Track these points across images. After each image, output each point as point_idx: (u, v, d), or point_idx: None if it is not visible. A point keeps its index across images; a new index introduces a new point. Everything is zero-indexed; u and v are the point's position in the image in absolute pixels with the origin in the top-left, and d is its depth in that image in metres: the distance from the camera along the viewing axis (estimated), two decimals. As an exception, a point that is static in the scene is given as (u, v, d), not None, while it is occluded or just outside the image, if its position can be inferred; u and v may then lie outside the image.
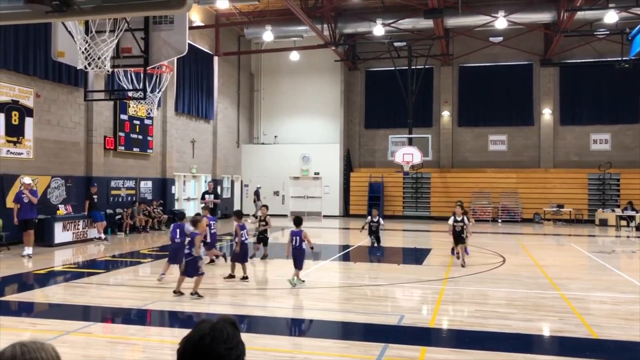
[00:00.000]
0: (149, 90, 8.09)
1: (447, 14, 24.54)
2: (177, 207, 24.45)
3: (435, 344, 7.10)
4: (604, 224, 25.05)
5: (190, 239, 9.19)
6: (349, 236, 21.57)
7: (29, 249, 13.87)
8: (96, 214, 17.74)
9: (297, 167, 30.70)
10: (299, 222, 10.64)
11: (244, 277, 10.72)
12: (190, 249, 9.14)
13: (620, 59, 23.46)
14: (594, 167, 27.37)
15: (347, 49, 29.47)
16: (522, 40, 27.90)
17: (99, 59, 5.94)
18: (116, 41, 6.15)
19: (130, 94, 9.50)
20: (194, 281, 9.16)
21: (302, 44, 28.26)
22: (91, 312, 8.55)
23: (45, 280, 11.25)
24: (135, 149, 21.50)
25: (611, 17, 21.82)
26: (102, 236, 17.68)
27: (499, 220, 27.54)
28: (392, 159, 25.15)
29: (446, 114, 30.01)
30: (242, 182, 31.42)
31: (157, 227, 21.41)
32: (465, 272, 11.80)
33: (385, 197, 29.40)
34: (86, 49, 5.95)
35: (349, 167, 30.91)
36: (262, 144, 32.02)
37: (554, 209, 26.48)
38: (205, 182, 27.64)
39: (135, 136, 21.44)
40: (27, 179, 14.60)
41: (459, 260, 12.88)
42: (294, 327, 7.82)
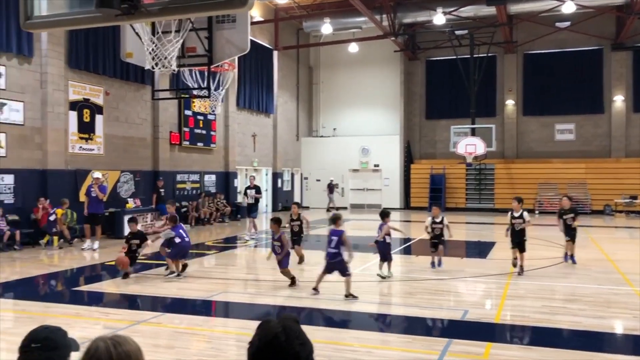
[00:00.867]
0: (212, 88, 8.27)
1: (510, 0, 23.79)
2: (239, 199, 24.94)
3: (500, 339, 6.95)
4: (681, 216, 23.75)
5: (336, 238, 8.63)
6: (410, 229, 21.36)
7: (92, 242, 14.37)
8: (163, 207, 18.32)
9: (357, 159, 30.65)
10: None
11: (291, 281, 9.65)
12: (337, 247, 8.59)
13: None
14: (671, 156, 25.95)
15: (406, 39, 29.10)
16: (591, 24, 26.66)
17: (165, 58, 6.12)
18: (181, 41, 6.32)
19: (195, 92, 9.75)
20: (345, 281, 8.63)
21: (360, 35, 28.11)
22: (159, 303, 8.87)
23: (115, 271, 11.73)
24: (199, 144, 22.07)
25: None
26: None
27: (567, 212, 26.53)
28: (454, 150, 24.71)
29: (510, 103, 29.17)
30: (301, 174, 31.67)
31: (221, 219, 21.94)
32: (531, 266, 11.46)
33: (447, 189, 28.92)
34: (153, 49, 6.15)
35: (409, 158, 30.58)
36: (321, 136, 32.14)
37: (627, 201, 25.27)
38: (265, 175, 28.08)
39: (199, 131, 22.01)
40: (97, 174, 15.24)
41: (515, 268, 10.67)
42: (356, 320, 7.83)
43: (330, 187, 28.75)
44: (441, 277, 10.62)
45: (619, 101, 27.43)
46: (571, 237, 11.79)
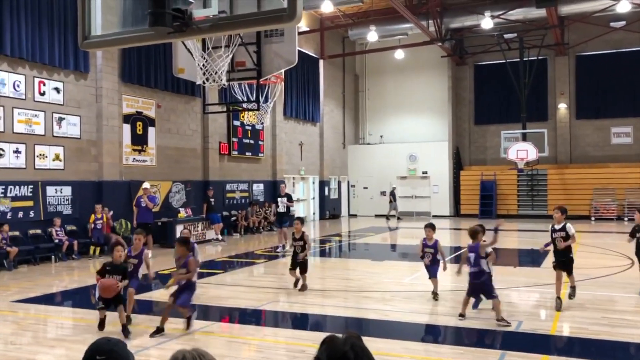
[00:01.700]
0: (261, 100, 8.39)
1: (561, 1, 23.20)
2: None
3: (557, 352, 6.74)
4: None
5: (474, 253, 7.76)
6: (460, 237, 21.02)
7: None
8: (213, 216, 18.72)
9: (404, 166, 30.41)
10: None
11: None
12: (477, 264, 7.72)
13: None
14: None
15: (453, 44, 28.75)
16: (647, 23, 25.71)
17: (216, 73, 6.26)
18: (231, 56, 6.44)
19: (244, 105, 9.91)
20: (494, 305, 7.66)
21: (406, 41, 27.96)
22: (211, 312, 9.00)
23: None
24: (247, 153, 22.39)
25: None
26: (219, 237, 18.59)
27: (625, 218, 25.58)
28: (505, 155, 24.20)
29: (563, 106, 28.37)
30: (348, 182, 31.66)
31: (269, 228, 22.16)
32: (588, 276, 11.07)
33: (498, 196, 28.34)
34: (204, 65, 6.30)
35: (458, 165, 30.12)
36: (368, 144, 32.06)
37: (690, 206, 24.14)
38: (312, 183, 28.20)
39: (247, 141, 22.33)
40: (146, 184, 15.66)
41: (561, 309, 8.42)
42: (408, 331, 7.74)
43: (392, 194, 28.41)
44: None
45: (679, 102, 26.29)
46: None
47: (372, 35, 26.78)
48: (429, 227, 9.42)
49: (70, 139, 15.21)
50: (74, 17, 14.27)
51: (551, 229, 8.94)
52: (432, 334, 7.72)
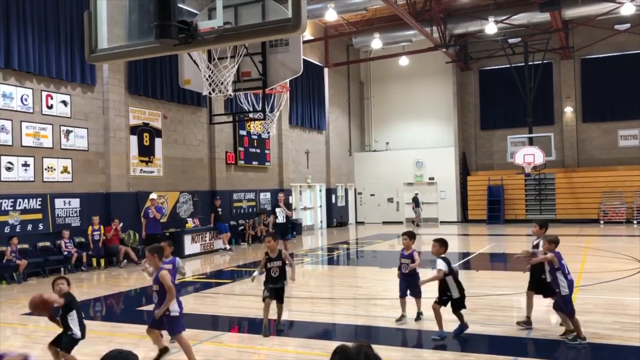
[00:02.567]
0: (267, 110, 8.43)
1: (564, 5, 23.18)
2: (294, 216, 25.13)
3: (568, 357, 6.68)
4: None
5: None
6: (469, 243, 20.95)
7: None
8: (221, 225, 18.75)
9: (411, 172, 30.38)
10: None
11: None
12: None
13: None
14: None
15: (458, 50, 28.79)
16: (652, 25, 25.65)
17: (222, 84, 6.30)
18: (236, 66, 6.48)
19: (250, 115, 9.94)
20: (574, 322, 7.04)
21: (411, 48, 28.01)
22: (220, 322, 9.00)
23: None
24: (254, 162, 22.44)
25: None
26: (227, 247, 18.62)
27: (635, 221, 25.43)
28: (512, 160, 24.16)
29: (569, 110, 28.30)
30: (355, 190, 31.64)
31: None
32: (598, 280, 11.00)
33: (506, 201, 28.24)
34: (210, 75, 6.34)
35: (465, 170, 30.05)
36: (374, 151, 32.06)
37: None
38: (319, 191, 28.20)
39: (253, 150, 22.39)
40: (153, 195, 15.71)
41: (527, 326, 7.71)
42: (417, 338, 7.71)
43: (415, 200, 28.25)
44: (503, 293, 10.33)
45: (686, 103, 26.16)
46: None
47: (376, 42, 26.85)
48: (406, 236, 8.22)
49: (78, 151, 15.30)
50: (81, 30, 14.38)
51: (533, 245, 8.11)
52: (442, 341, 7.66)
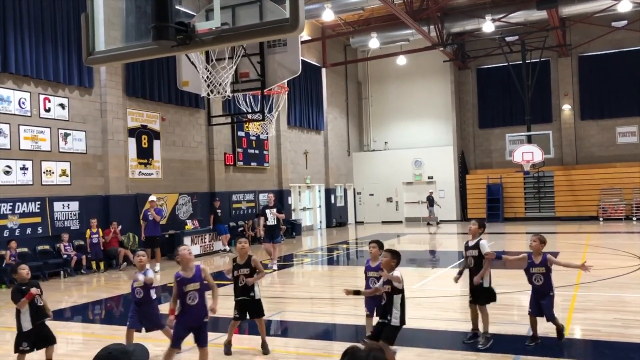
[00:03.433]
0: (266, 111, 8.42)
1: (561, 3, 23.18)
2: (294, 217, 25.13)
3: (570, 355, 6.68)
4: None
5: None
6: (468, 241, 20.94)
7: (152, 265, 14.71)
8: (220, 227, 18.73)
9: (410, 172, 30.37)
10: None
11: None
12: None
13: None
14: None
15: (455, 49, 28.79)
16: (649, 21, 25.68)
17: (220, 85, 6.29)
18: (235, 67, 6.47)
19: (249, 116, 9.94)
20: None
21: (408, 47, 28.01)
22: (220, 323, 8.97)
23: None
24: (252, 164, 22.42)
25: None
26: (227, 248, 18.61)
27: (634, 218, 25.45)
28: (511, 158, 24.16)
29: (567, 107, 28.32)
30: (354, 190, 31.63)
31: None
32: (598, 277, 11.00)
33: (505, 199, 28.25)
34: (208, 77, 6.33)
35: (464, 169, 30.06)
36: (373, 150, 32.06)
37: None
38: (318, 191, 28.19)
39: (252, 151, 22.37)
40: (152, 197, 15.67)
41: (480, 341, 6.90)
42: (419, 338, 7.70)
43: (430, 200, 28.17)
44: (504, 291, 10.31)
45: (684, 100, 26.19)
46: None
47: (373, 42, 26.85)
48: (375, 244, 6.71)
49: (76, 154, 15.28)
50: (78, 33, 14.37)
51: (465, 246, 7.21)
52: (444, 340, 7.66)
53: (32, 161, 14.10)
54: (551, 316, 6.69)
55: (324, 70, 28.13)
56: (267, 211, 14.68)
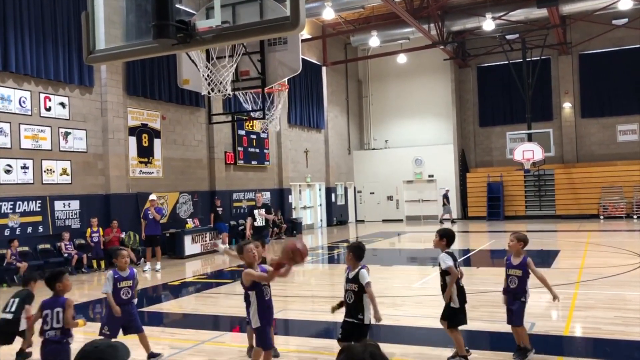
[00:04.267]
0: (266, 109, 8.42)
1: (562, 1, 23.19)
2: (294, 215, 25.14)
3: (571, 353, 6.68)
4: None
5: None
6: (469, 239, 20.96)
7: (153, 263, 14.71)
8: (220, 225, 18.74)
9: (410, 170, 30.36)
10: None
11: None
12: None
13: None
14: None
15: (456, 47, 28.77)
16: (650, 19, 25.64)
17: (220, 83, 6.29)
18: (235, 65, 6.47)
19: (250, 114, 9.94)
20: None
21: (408, 46, 27.99)
22: (221, 322, 9.00)
23: (178, 291, 12.01)
24: (253, 162, 22.42)
25: None
26: (226, 246, 18.60)
27: (635, 216, 25.44)
28: (511, 156, 24.16)
29: (567, 105, 28.30)
30: (355, 188, 31.63)
31: (277, 236, 22.16)
32: (599, 275, 11.00)
33: (505, 197, 28.25)
34: (208, 75, 6.33)
35: (464, 167, 30.05)
36: (373, 149, 32.04)
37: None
38: (319, 190, 28.18)
39: (252, 150, 22.38)
40: (152, 196, 15.65)
41: None
42: (420, 336, 7.70)
43: (445, 197, 28.17)
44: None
45: (685, 98, 26.17)
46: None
47: (374, 40, 26.83)
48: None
49: (77, 153, 15.28)
50: (78, 32, 14.36)
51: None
52: (444, 338, 7.66)
53: (32, 160, 14.10)
54: (518, 323, 6.12)
55: (324, 68, 28.12)
56: (255, 212, 13.80)
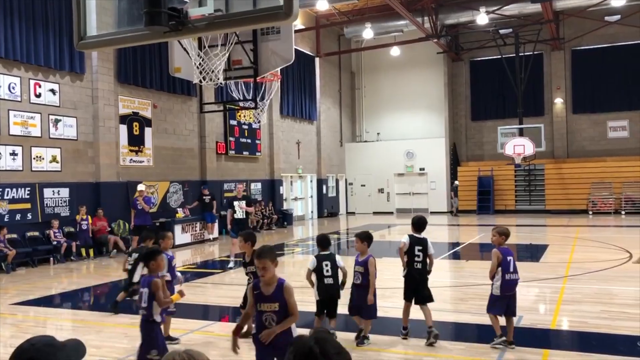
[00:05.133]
0: (258, 98, 8.39)
1: (556, -4, 23.22)
2: (285, 206, 25.14)
3: (557, 346, 6.74)
4: None
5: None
6: (459, 233, 21.05)
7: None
8: (207, 215, 18.68)
9: (402, 163, 30.41)
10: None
11: None
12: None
13: None
14: None
15: (449, 40, 28.76)
16: (642, 16, 25.75)
17: (212, 72, 6.24)
18: (227, 54, 6.43)
19: (241, 104, 9.90)
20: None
21: (402, 38, 27.96)
22: (210, 312, 9.00)
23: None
24: (244, 153, 22.36)
25: None
26: (210, 236, 18.59)
27: (623, 212, 25.65)
28: (502, 151, 24.23)
29: (559, 101, 28.41)
30: (346, 180, 31.65)
31: (268, 227, 22.18)
32: (587, 270, 11.10)
33: (495, 192, 28.36)
34: (200, 63, 6.28)
35: (455, 161, 30.13)
36: (365, 141, 32.05)
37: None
38: (310, 181, 28.17)
39: (244, 140, 22.31)
40: (141, 186, 15.58)
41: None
42: (412, 328, 7.73)
43: (455, 190, 27.97)
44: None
45: (675, 95, 26.34)
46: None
47: (367, 32, 26.77)
48: (358, 238, 6.81)
49: (66, 140, 15.16)
50: (69, 18, 14.22)
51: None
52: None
53: (22, 147, 13.98)
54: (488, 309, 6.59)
55: (317, 59, 28.03)
56: (235, 203, 13.30)
